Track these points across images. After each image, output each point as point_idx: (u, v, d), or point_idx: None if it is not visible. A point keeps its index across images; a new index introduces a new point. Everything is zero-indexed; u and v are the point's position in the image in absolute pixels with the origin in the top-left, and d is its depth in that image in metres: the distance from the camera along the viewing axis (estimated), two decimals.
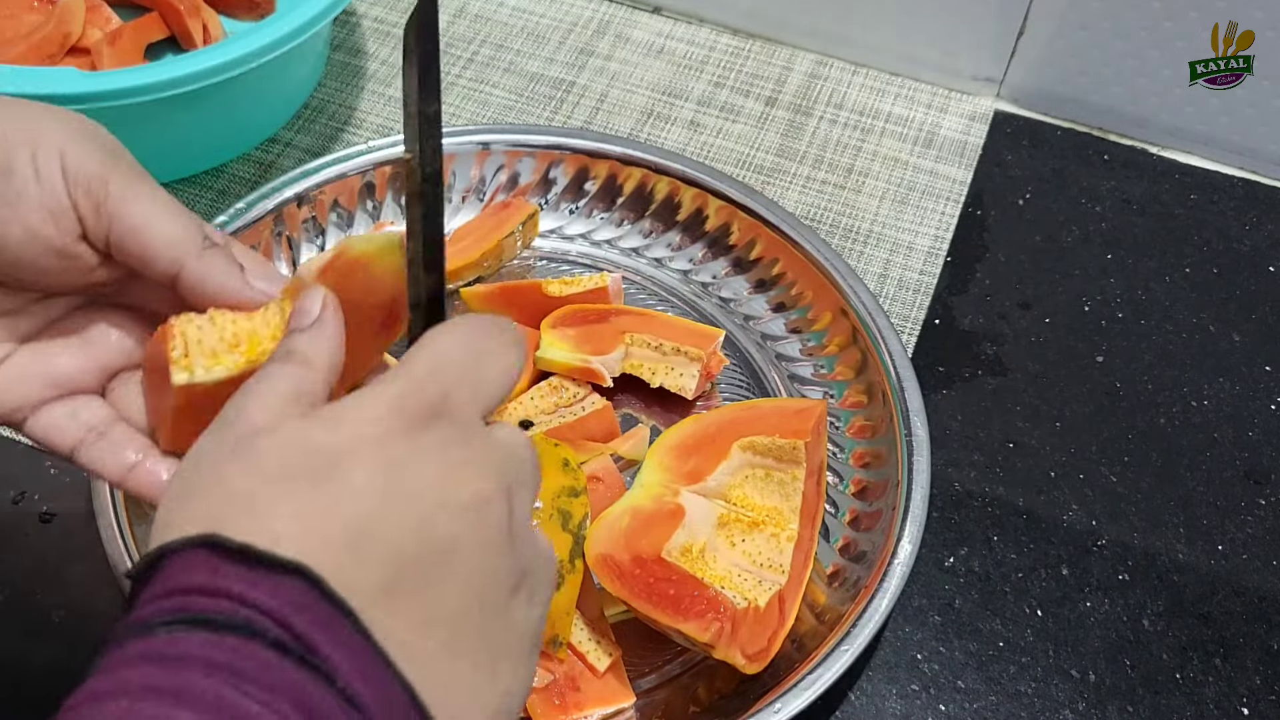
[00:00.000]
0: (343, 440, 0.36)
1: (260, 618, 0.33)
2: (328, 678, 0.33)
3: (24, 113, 0.43)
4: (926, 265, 0.81)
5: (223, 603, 0.33)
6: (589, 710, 0.60)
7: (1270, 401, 0.75)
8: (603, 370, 0.70)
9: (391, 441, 0.37)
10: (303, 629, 0.33)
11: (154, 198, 0.43)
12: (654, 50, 0.93)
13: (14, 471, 0.68)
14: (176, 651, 0.32)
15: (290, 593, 0.33)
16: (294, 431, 0.36)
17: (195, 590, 0.33)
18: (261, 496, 0.35)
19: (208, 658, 0.32)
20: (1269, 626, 0.66)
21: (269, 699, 0.32)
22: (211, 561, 0.34)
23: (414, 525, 0.36)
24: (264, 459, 0.36)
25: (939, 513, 0.69)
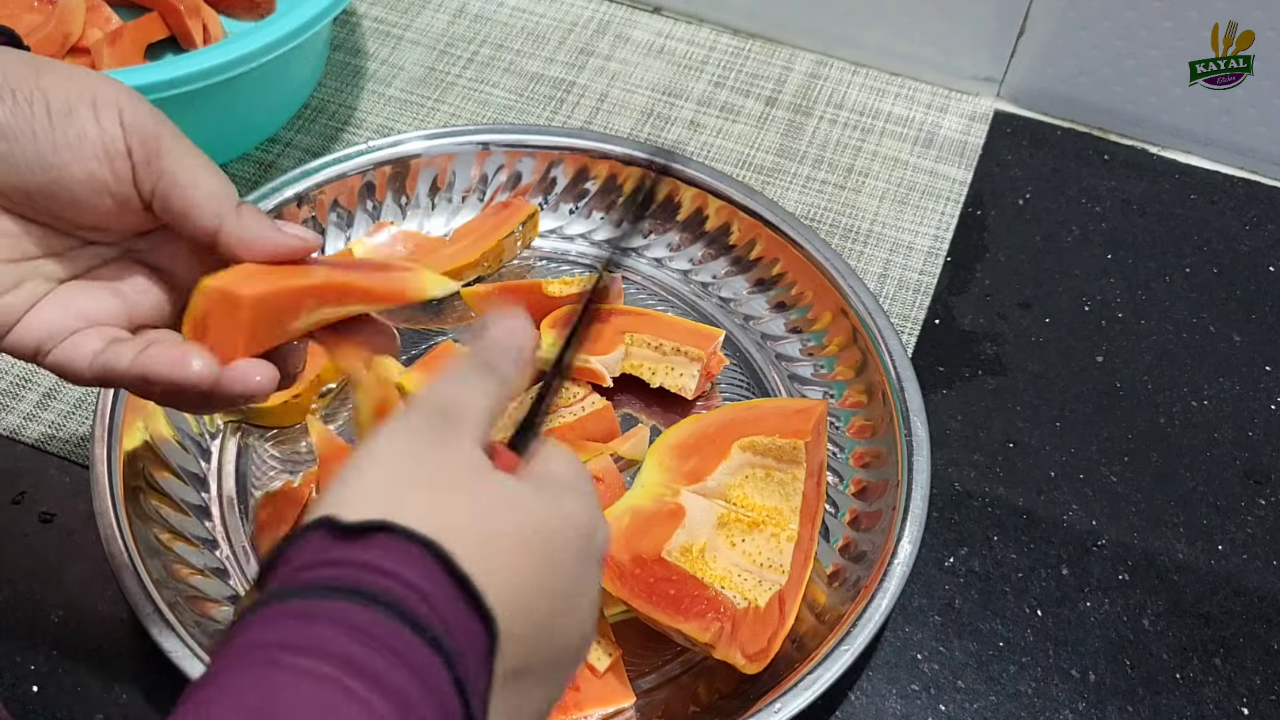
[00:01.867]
0: (566, 540, 0.40)
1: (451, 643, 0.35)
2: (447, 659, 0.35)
3: (83, 74, 0.46)
4: (926, 265, 0.81)
5: (431, 616, 0.35)
6: (589, 710, 0.60)
7: (1270, 401, 0.75)
8: (603, 370, 0.70)
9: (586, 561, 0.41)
10: (469, 674, 0.35)
11: (197, 157, 0.47)
12: (654, 50, 0.93)
13: (14, 471, 0.68)
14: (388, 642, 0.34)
15: (475, 638, 0.36)
16: (546, 507, 0.40)
17: (411, 586, 0.35)
18: (505, 550, 0.38)
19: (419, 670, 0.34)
20: (1269, 626, 0.66)
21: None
22: (430, 568, 0.36)
23: (565, 638, 0.40)
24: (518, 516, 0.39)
25: (939, 513, 0.69)
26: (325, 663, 0.33)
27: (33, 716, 0.60)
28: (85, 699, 0.61)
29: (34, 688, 0.61)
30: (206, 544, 0.64)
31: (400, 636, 0.34)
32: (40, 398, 0.72)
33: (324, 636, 0.34)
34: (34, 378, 0.73)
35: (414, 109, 0.88)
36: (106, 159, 0.45)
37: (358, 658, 0.33)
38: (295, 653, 0.33)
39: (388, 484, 0.38)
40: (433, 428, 0.40)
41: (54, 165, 0.45)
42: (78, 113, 0.45)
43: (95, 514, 0.60)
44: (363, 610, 0.34)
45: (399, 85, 0.89)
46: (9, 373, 0.73)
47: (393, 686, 0.33)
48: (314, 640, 0.33)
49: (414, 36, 0.93)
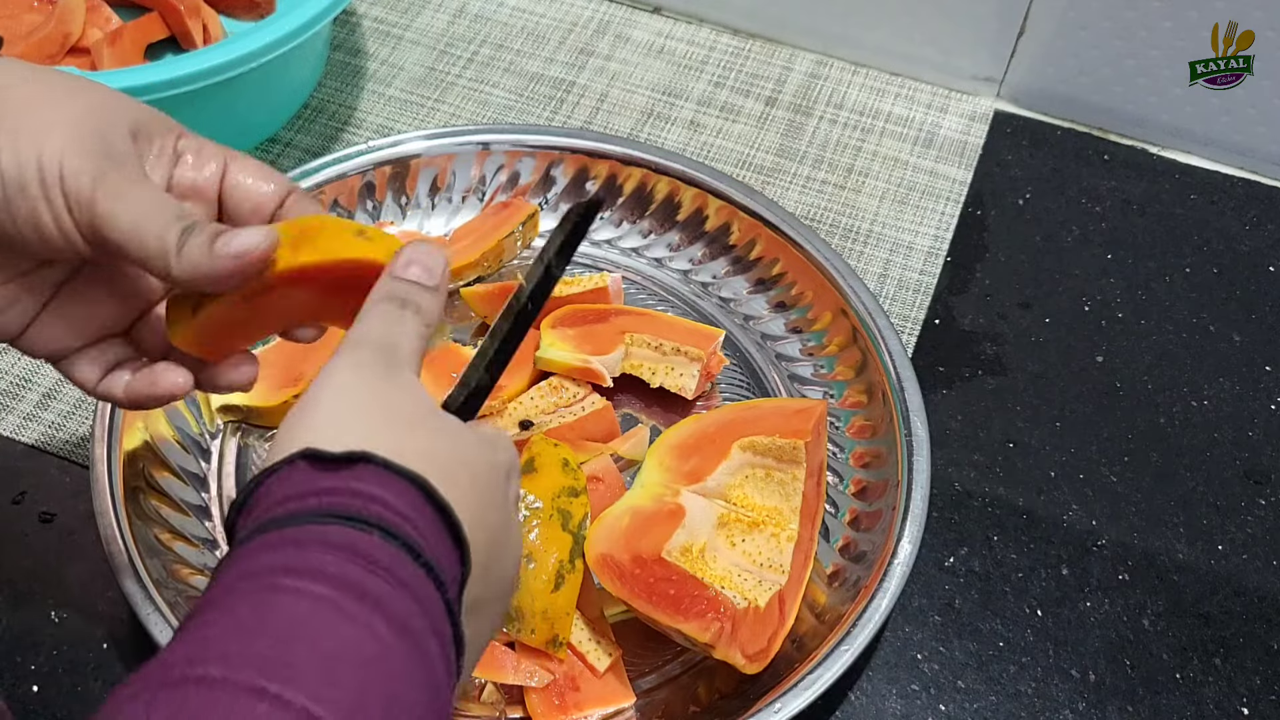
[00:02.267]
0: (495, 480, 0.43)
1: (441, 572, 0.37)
2: (460, 649, 0.37)
3: (32, 113, 0.44)
4: (926, 265, 0.81)
5: (417, 538, 0.37)
6: (589, 710, 0.60)
7: (1270, 401, 0.75)
8: (603, 370, 0.70)
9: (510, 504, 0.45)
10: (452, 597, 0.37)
11: (132, 207, 0.44)
12: (654, 50, 0.93)
13: (14, 471, 0.68)
14: (372, 555, 0.35)
15: (454, 567, 0.38)
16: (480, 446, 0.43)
17: (403, 514, 0.37)
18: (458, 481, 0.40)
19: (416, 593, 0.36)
20: (1269, 626, 0.66)
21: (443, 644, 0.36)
22: (415, 498, 0.38)
23: (505, 569, 0.43)
24: (461, 450, 0.41)
25: (939, 513, 0.69)
26: (324, 584, 0.34)
27: (33, 716, 0.60)
28: (85, 699, 0.61)
29: (34, 688, 0.61)
30: (206, 544, 0.64)
31: (397, 560, 0.35)
32: (40, 398, 0.72)
33: (323, 560, 0.34)
34: (34, 378, 0.73)
35: (414, 109, 0.88)
36: (50, 214, 0.44)
37: (357, 580, 0.34)
38: (295, 575, 0.34)
39: (355, 417, 0.39)
40: (380, 365, 0.42)
41: (13, 237, 0.45)
42: (28, 189, 0.44)
43: (95, 514, 0.60)
44: (359, 534, 0.35)
45: (399, 85, 0.89)
46: (9, 373, 0.73)
47: (392, 609, 0.34)
48: (313, 563, 0.34)
49: (414, 36, 0.93)
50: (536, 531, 0.60)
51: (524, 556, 0.59)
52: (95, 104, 0.46)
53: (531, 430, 0.68)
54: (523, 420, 0.69)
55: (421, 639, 0.35)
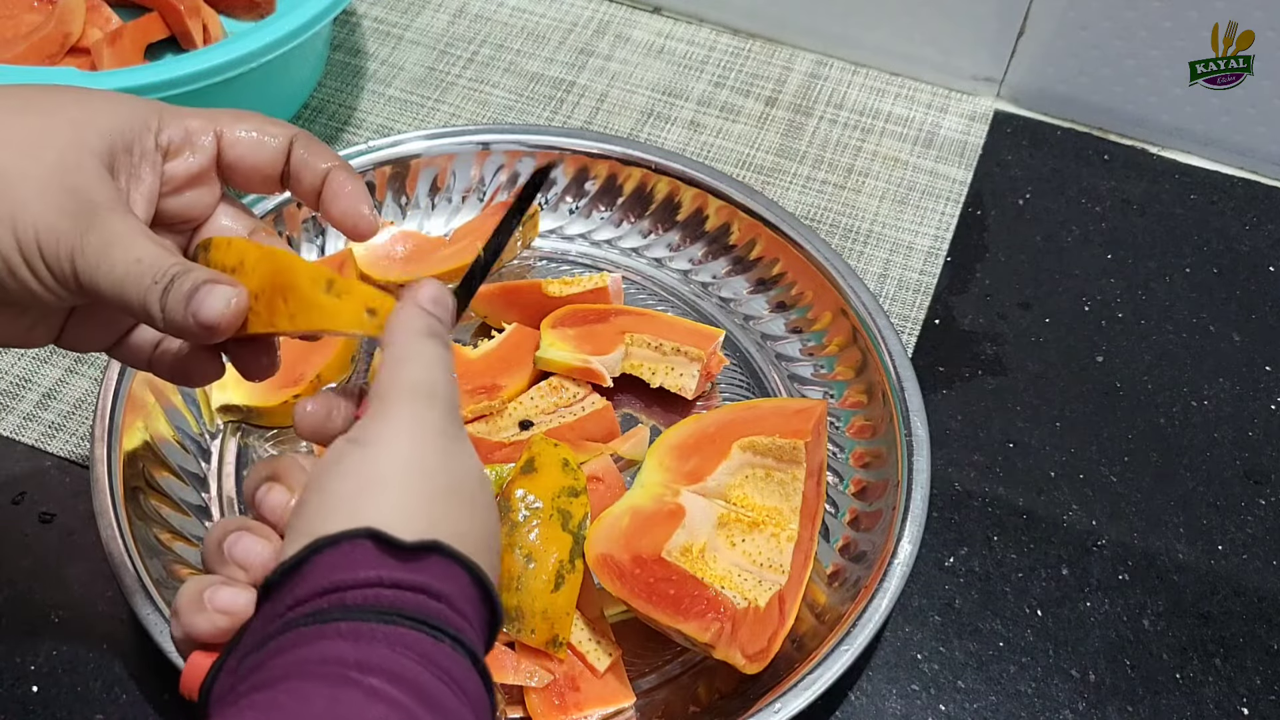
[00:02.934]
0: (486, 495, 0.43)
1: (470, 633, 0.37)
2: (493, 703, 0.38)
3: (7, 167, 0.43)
4: (926, 265, 0.81)
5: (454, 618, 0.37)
6: (589, 710, 0.60)
7: (1270, 401, 0.75)
8: (603, 370, 0.70)
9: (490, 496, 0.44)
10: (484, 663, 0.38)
11: (111, 271, 0.43)
12: (654, 50, 0.93)
13: (14, 471, 0.68)
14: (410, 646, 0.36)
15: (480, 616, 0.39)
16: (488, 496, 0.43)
17: (465, 616, 0.37)
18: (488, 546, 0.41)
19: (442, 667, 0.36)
20: (1269, 626, 0.66)
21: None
22: (477, 602, 0.39)
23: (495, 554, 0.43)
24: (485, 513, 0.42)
25: (939, 513, 0.69)
26: (399, 689, 0.34)
27: (33, 716, 0.60)
28: (85, 699, 0.61)
29: (34, 688, 0.61)
30: None
31: (463, 670, 0.36)
32: (40, 398, 0.72)
33: (400, 663, 0.35)
34: (34, 378, 0.73)
35: (414, 109, 0.88)
36: (55, 297, 0.44)
37: (431, 689, 0.35)
38: (370, 673, 0.34)
39: (423, 497, 0.39)
40: (442, 425, 0.41)
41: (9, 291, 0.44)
42: (17, 272, 0.43)
43: (95, 514, 0.60)
44: (433, 642, 0.36)
45: (399, 85, 0.89)
46: (9, 373, 0.73)
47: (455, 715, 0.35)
48: (389, 665, 0.35)
49: (414, 36, 0.93)
50: (536, 531, 0.60)
51: (524, 556, 0.59)
52: (63, 146, 0.44)
53: (531, 430, 0.68)
54: (523, 420, 0.69)
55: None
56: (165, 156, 0.47)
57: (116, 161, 0.45)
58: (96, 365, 0.73)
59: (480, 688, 0.37)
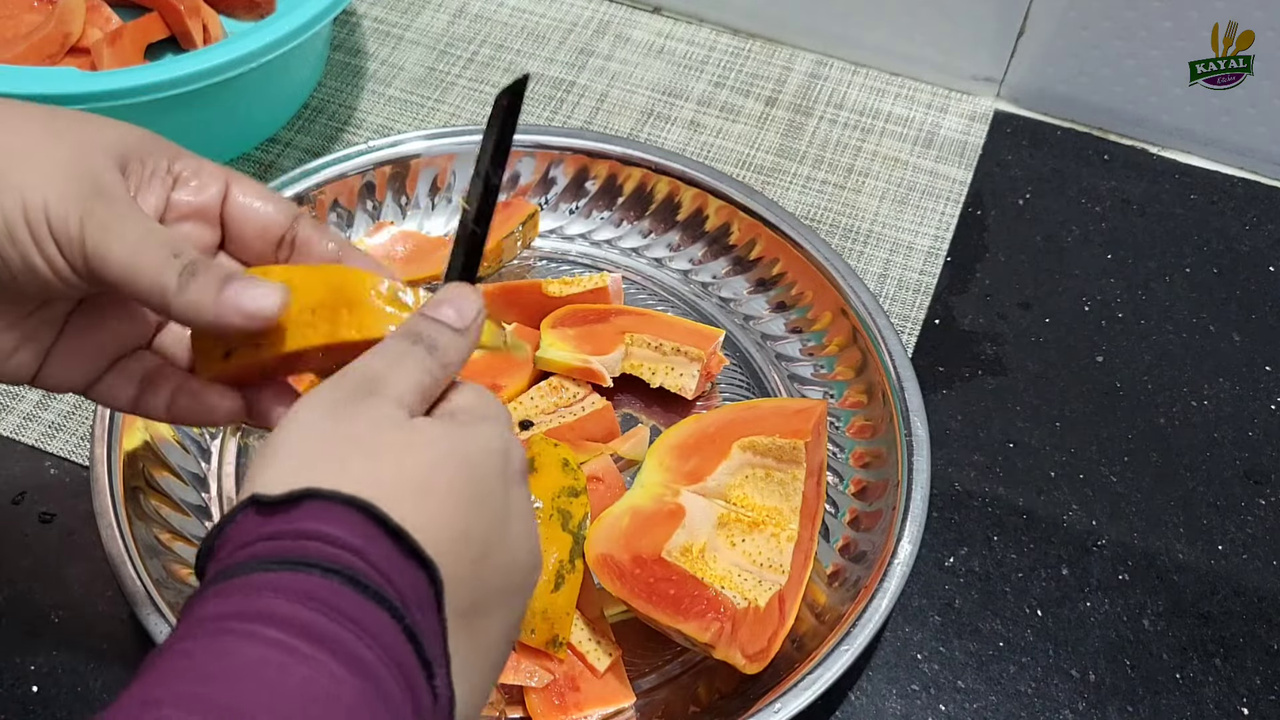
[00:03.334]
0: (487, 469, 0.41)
1: (394, 595, 0.36)
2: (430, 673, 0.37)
3: (22, 149, 0.43)
4: (926, 265, 0.81)
5: (372, 573, 0.36)
6: (589, 710, 0.60)
7: (1270, 401, 0.75)
8: (603, 370, 0.70)
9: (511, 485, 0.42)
10: (420, 624, 0.37)
11: (122, 243, 0.43)
12: (654, 50, 0.93)
13: (14, 471, 0.68)
14: (324, 597, 0.35)
15: (419, 586, 0.37)
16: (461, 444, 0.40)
17: (344, 546, 0.36)
18: (430, 495, 0.39)
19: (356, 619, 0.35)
20: (1269, 626, 0.66)
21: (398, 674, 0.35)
22: (365, 527, 0.37)
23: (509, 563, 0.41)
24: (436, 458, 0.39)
25: (939, 513, 0.69)
26: (274, 628, 0.34)
27: (33, 716, 0.60)
28: (85, 699, 0.61)
29: (34, 688, 0.61)
30: None
31: (345, 597, 0.35)
32: (40, 397, 0.72)
33: (271, 604, 0.35)
34: None
35: (414, 109, 0.88)
36: (42, 259, 0.43)
37: (306, 621, 0.34)
38: (245, 620, 0.34)
39: (305, 453, 0.39)
40: (348, 397, 0.40)
41: (12, 283, 0.44)
42: (18, 238, 0.42)
43: (95, 514, 0.60)
44: (305, 577, 0.35)
45: (399, 85, 0.89)
46: None
47: (341, 646, 0.34)
48: (261, 609, 0.35)
49: (414, 36, 0.93)
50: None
51: None
52: (77, 142, 0.44)
53: (531, 430, 0.68)
54: (523, 420, 0.69)
55: (374, 670, 0.35)
56: (174, 183, 0.47)
57: (129, 166, 0.45)
58: None
59: (370, 608, 0.35)
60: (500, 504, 0.41)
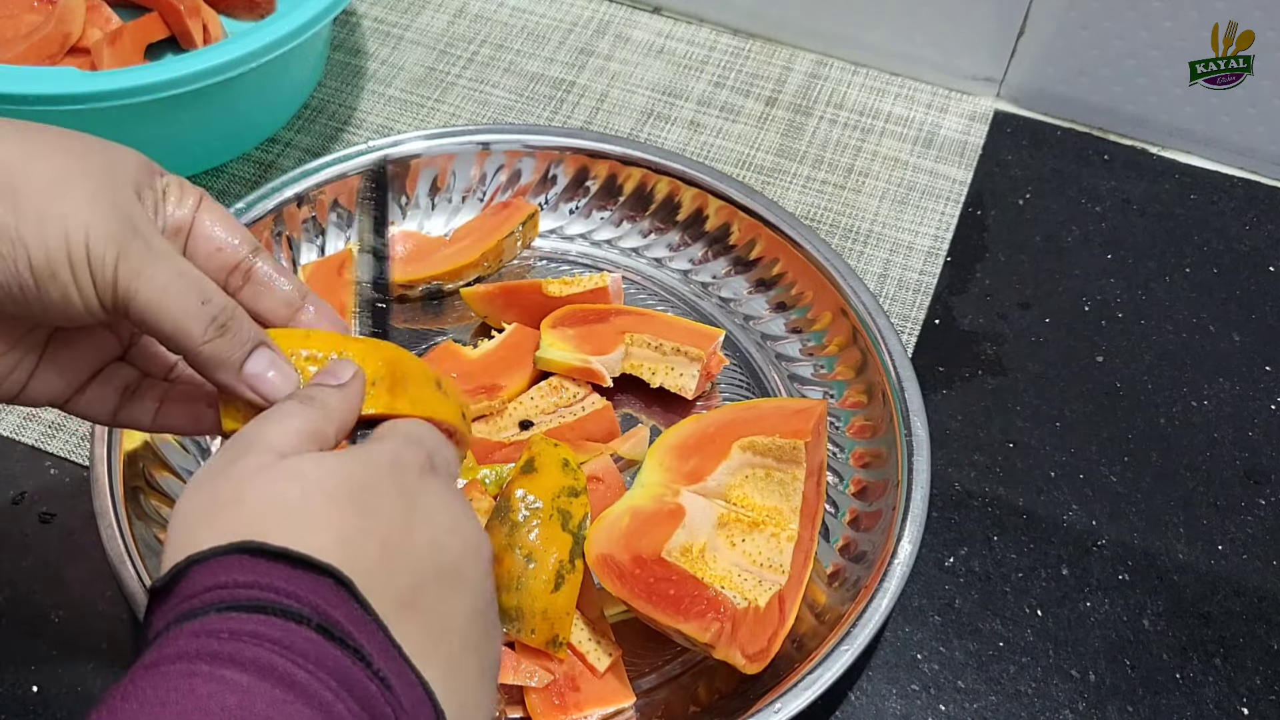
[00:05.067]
0: (374, 477, 0.42)
1: (299, 605, 0.37)
2: (364, 660, 0.37)
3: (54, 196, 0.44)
4: (926, 265, 0.81)
5: (267, 593, 0.37)
6: (589, 710, 0.60)
7: (1270, 401, 0.75)
8: (603, 370, 0.70)
9: (407, 480, 0.43)
10: (338, 619, 0.37)
11: (155, 284, 0.44)
12: (654, 50, 0.93)
13: (14, 471, 0.68)
14: (228, 627, 0.36)
15: (325, 590, 0.38)
16: (335, 463, 0.42)
17: (238, 585, 0.37)
18: (306, 512, 0.40)
19: (256, 631, 0.36)
20: (1269, 626, 0.66)
21: (316, 670, 0.36)
22: (251, 563, 0.38)
23: (429, 549, 0.42)
24: (305, 479, 0.41)
25: (939, 513, 0.69)
26: (204, 663, 0.35)
27: (33, 716, 0.60)
28: (85, 699, 0.61)
29: (34, 688, 0.61)
30: None
31: (261, 623, 0.36)
32: None
33: (200, 645, 0.36)
34: None
35: (414, 109, 0.88)
36: (86, 309, 0.44)
37: (230, 652, 0.35)
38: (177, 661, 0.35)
39: (184, 529, 0.40)
40: (224, 462, 0.42)
41: (38, 314, 0.45)
42: (59, 275, 0.43)
43: (95, 514, 0.60)
44: (218, 618, 0.36)
45: (399, 85, 0.89)
46: None
47: (254, 661, 0.35)
48: (191, 649, 0.36)
49: (414, 36, 0.93)
50: (536, 531, 0.60)
51: (524, 556, 0.59)
52: (104, 173, 0.45)
53: (531, 430, 0.68)
54: (523, 420, 0.69)
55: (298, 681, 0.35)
56: (165, 202, 0.48)
57: (141, 194, 0.47)
58: None
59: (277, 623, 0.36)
60: (396, 500, 0.42)
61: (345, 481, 0.41)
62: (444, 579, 0.42)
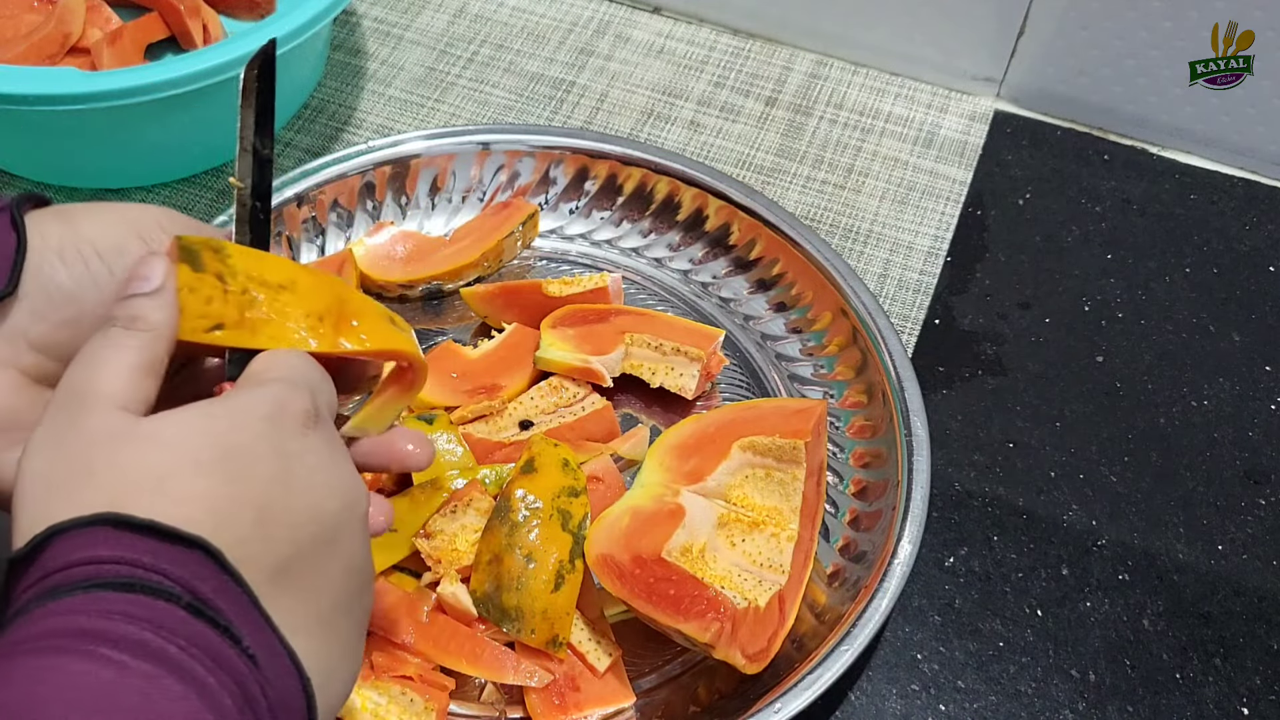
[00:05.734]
0: (247, 437, 0.40)
1: (169, 583, 0.36)
2: (233, 638, 0.36)
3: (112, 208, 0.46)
4: (926, 265, 0.81)
5: (136, 570, 0.36)
6: (589, 710, 0.60)
7: (1270, 401, 0.75)
8: (603, 370, 0.70)
9: (286, 440, 0.41)
10: (207, 594, 0.36)
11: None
12: (654, 50, 0.93)
13: None
14: (97, 606, 0.35)
15: (194, 564, 0.37)
16: (201, 423, 0.40)
17: (105, 560, 0.36)
18: (173, 483, 0.38)
19: (126, 610, 0.35)
20: (1269, 626, 0.66)
21: (186, 645, 0.35)
22: (116, 536, 0.36)
23: (309, 514, 0.40)
24: (171, 446, 0.39)
25: (939, 513, 0.69)
26: (67, 639, 0.34)
27: None
28: None
29: None
30: None
31: (129, 602, 0.35)
32: None
33: (61, 623, 0.35)
34: None
35: (414, 109, 0.88)
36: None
37: (101, 629, 0.34)
38: (38, 639, 0.34)
39: (37, 494, 0.38)
40: (63, 419, 0.40)
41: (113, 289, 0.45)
42: (128, 248, 0.45)
43: None
44: (83, 597, 0.35)
45: (399, 85, 0.89)
46: None
47: (126, 638, 0.34)
48: (51, 627, 0.34)
49: (414, 36, 0.93)
50: (536, 532, 0.60)
51: (524, 556, 0.59)
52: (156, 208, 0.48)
53: (531, 430, 0.68)
54: (523, 420, 0.69)
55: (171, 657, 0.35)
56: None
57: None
58: None
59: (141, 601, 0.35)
60: (272, 462, 0.40)
61: (214, 445, 0.39)
62: (320, 542, 0.41)
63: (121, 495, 0.37)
